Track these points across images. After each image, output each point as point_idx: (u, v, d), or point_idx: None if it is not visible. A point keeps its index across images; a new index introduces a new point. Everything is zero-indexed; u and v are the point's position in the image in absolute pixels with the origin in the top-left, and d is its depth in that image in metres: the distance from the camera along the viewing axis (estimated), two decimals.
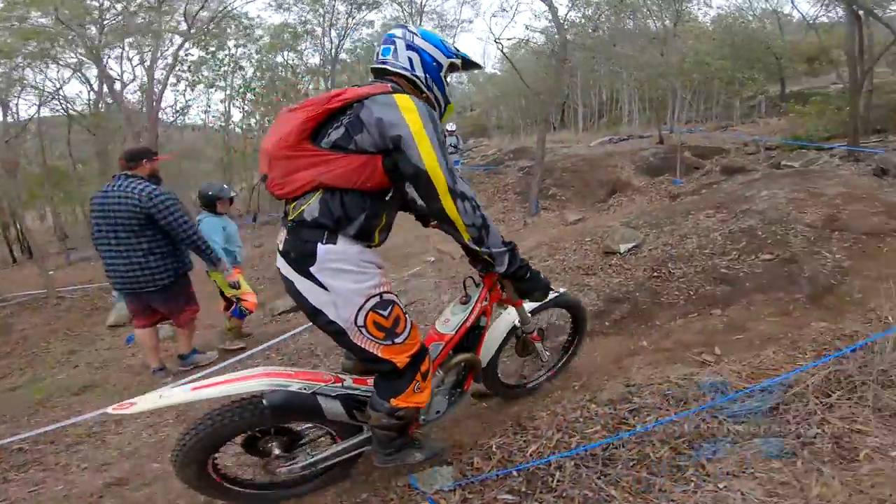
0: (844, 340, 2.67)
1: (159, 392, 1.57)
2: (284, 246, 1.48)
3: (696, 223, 5.28)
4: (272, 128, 1.49)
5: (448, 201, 1.38)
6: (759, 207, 5.06)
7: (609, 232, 5.80)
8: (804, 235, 4.35)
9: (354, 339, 1.51)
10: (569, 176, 9.64)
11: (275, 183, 1.45)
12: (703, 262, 4.22)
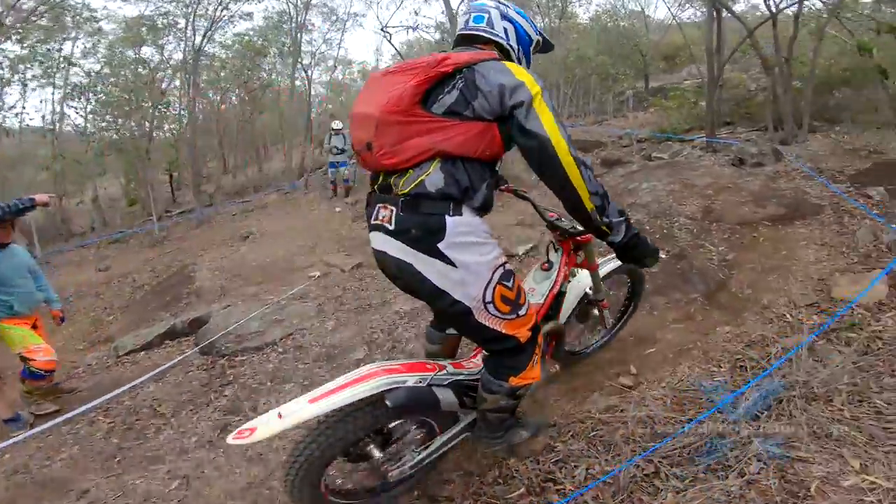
0: (755, 348, 2.55)
1: (277, 411, 1.41)
2: (398, 224, 1.36)
3: None
4: (366, 93, 1.40)
5: (573, 169, 1.33)
6: (644, 201, 5.10)
7: (506, 233, 5.50)
8: (687, 228, 4.40)
9: (479, 317, 1.43)
10: None
11: (384, 151, 1.32)
12: None
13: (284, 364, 3.94)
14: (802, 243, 4.10)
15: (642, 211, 4.87)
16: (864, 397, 1.95)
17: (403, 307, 4.34)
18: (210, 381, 3.85)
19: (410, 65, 1.31)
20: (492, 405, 1.61)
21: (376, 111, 1.30)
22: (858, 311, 2.77)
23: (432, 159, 1.31)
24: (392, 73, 1.34)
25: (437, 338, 1.88)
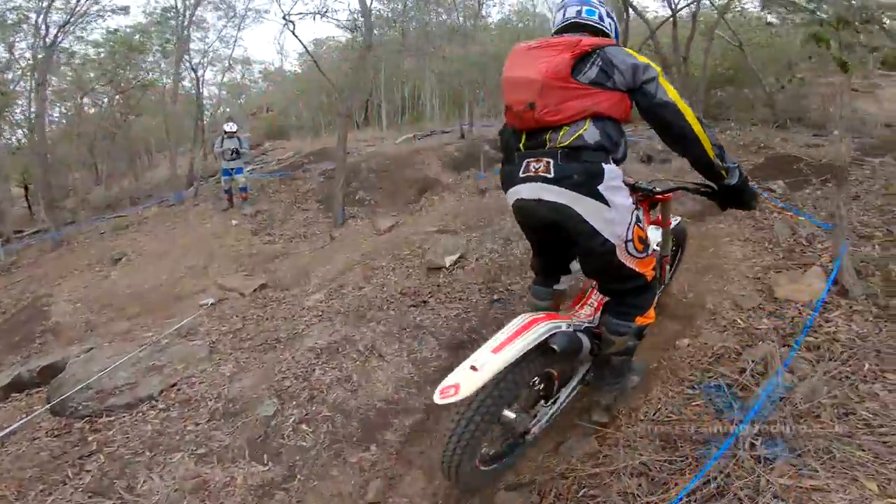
0: (724, 363, 2.31)
1: (469, 364, 1.50)
2: (558, 172, 1.55)
3: (513, 223, 4.84)
4: (519, 61, 1.63)
5: (697, 126, 1.57)
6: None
7: (429, 242, 4.97)
8: None
9: (620, 256, 1.64)
10: (376, 177, 8.70)
11: (548, 110, 1.55)
12: None
13: (168, 426, 3.08)
14: (726, 240, 4.08)
15: None
16: (848, 409, 1.85)
17: (319, 341, 3.64)
18: (65, 450, 2.90)
19: (552, 42, 1.58)
20: (620, 347, 1.77)
21: (539, 76, 1.53)
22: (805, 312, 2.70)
23: (586, 118, 1.54)
24: (539, 48, 1.58)
25: (546, 293, 2.01)
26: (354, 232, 7.28)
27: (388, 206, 7.99)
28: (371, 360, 3.29)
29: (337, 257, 6.30)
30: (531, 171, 1.60)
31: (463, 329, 3.38)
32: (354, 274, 5.25)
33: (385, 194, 8.22)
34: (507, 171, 1.73)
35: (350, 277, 5.20)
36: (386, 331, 3.58)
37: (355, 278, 5.13)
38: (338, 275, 5.46)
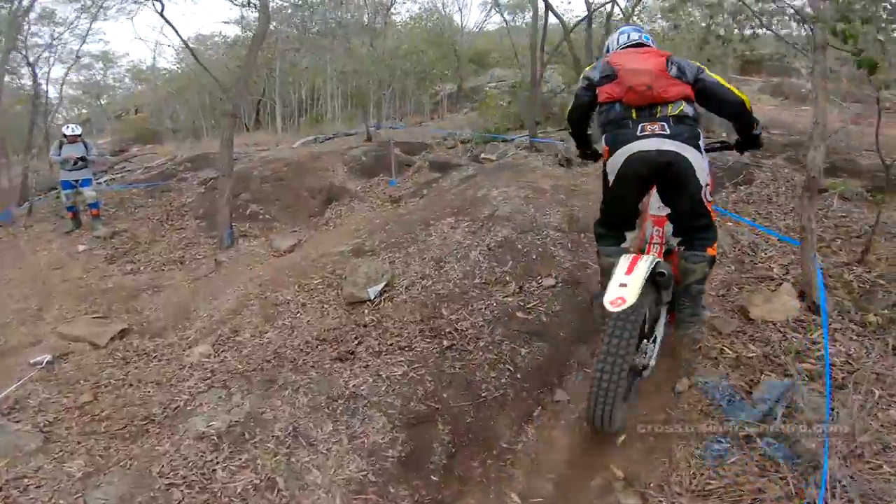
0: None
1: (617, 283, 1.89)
2: (672, 130, 2.06)
3: (442, 238, 4.14)
4: (629, 58, 2.21)
5: (744, 96, 2.21)
6: (504, 212, 4.29)
7: (344, 265, 4.09)
8: (561, 244, 3.70)
9: (702, 195, 2.14)
10: (272, 186, 7.46)
11: (662, 90, 2.09)
12: (487, 303, 3.08)
13: None
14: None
15: (506, 225, 4.08)
16: (882, 443, 1.76)
17: (214, 423, 2.61)
18: None
19: (643, 50, 2.32)
20: (700, 275, 2.14)
21: (653, 69, 2.13)
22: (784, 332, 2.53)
23: (681, 99, 2.12)
24: (638, 53, 2.28)
25: (615, 251, 2.28)
26: (247, 255, 6.05)
27: (287, 221, 6.85)
28: (298, 453, 2.37)
29: (226, 289, 5.10)
30: (648, 131, 2.06)
31: (417, 395, 2.59)
32: (252, 313, 4.18)
33: (283, 207, 7.06)
34: (619, 134, 2.13)
35: (246, 318, 4.13)
36: (310, 403, 2.67)
37: (253, 319, 4.07)
38: (229, 314, 4.33)
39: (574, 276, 3.38)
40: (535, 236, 3.88)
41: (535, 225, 4.05)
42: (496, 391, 2.55)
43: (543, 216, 4.21)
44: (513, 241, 3.84)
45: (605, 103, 2.19)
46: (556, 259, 3.60)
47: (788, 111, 12.06)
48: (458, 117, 13.07)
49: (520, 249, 3.73)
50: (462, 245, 3.98)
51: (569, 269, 3.47)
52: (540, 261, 3.57)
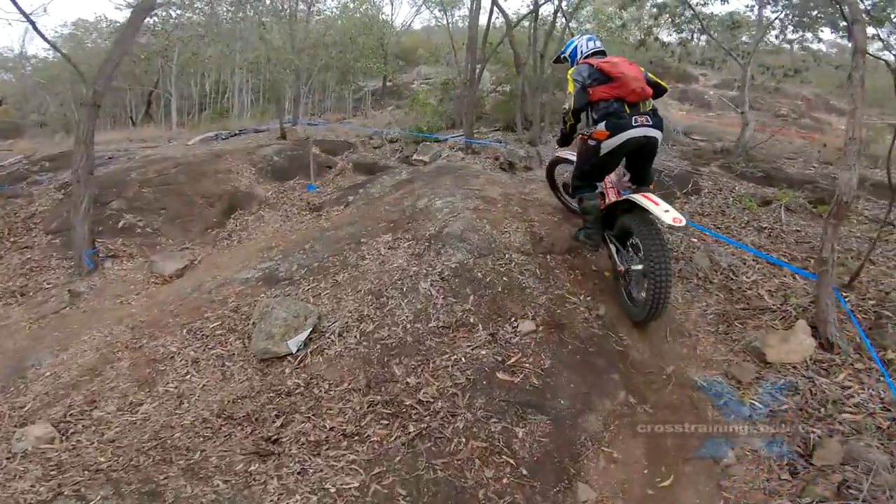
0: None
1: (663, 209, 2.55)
2: (652, 121, 2.76)
3: (380, 262, 3.28)
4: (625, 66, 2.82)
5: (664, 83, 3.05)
6: (455, 229, 3.51)
7: (250, 300, 3.11)
8: (530, 271, 3.00)
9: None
10: (156, 192, 6.02)
11: (647, 91, 2.79)
12: (454, 358, 2.30)
13: None
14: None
15: (462, 248, 3.31)
16: None
17: None
18: None
19: (630, 61, 2.95)
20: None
21: (640, 75, 2.82)
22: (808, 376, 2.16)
23: (650, 97, 2.84)
24: (625, 62, 2.89)
25: (595, 196, 3.07)
26: (117, 282, 4.69)
27: (175, 236, 5.50)
28: None
29: (84, 334, 3.81)
30: (640, 122, 2.73)
31: None
32: (119, 372, 3.03)
33: (170, 217, 5.68)
34: (619, 123, 2.74)
35: (111, 379, 2.99)
36: None
37: (122, 382, 2.94)
38: (86, 374, 3.14)
39: (555, 315, 2.71)
40: (497, 261, 3.16)
41: (495, 246, 3.34)
42: (500, 499, 1.78)
43: (502, 234, 3.51)
44: (470, 267, 3.09)
45: (604, 100, 2.79)
46: (527, 292, 2.91)
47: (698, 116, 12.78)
48: (383, 115, 12.11)
49: (480, 279, 2.99)
50: (406, 273, 3.15)
51: (546, 305, 2.80)
52: (508, 294, 2.86)
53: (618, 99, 2.73)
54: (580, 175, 3.05)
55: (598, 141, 2.77)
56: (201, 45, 14.82)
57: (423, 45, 18.12)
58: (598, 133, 2.76)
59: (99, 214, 5.62)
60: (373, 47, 11.95)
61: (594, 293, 3.06)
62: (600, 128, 2.75)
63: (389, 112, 12.65)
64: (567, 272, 3.18)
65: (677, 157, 6.69)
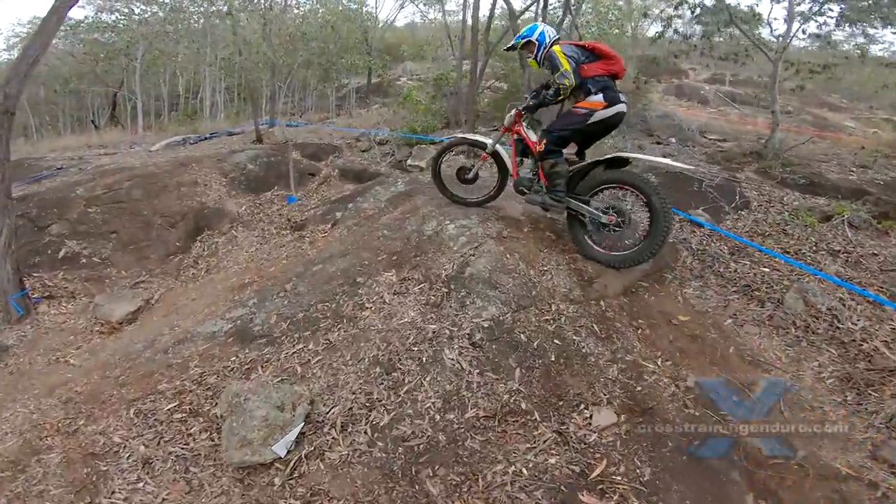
0: None
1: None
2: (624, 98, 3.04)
3: (385, 315, 2.41)
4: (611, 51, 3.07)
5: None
6: (479, 268, 2.70)
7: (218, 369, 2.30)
8: (586, 327, 2.24)
9: None
10: (105, 211, 5.07)
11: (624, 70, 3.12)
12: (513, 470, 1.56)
13: None
14: (728, 322, 2.55)
15: (494, 297, 2.54)
16: None
17: None
18: None
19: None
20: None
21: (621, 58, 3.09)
22: None
23: None
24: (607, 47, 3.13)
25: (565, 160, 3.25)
26: (53, 332, 3.78)
27: (129, 266, 4.59)
28: None
29: (5, 407, 2.97)
30: (623, 98, 2.99)
31: None
32: (47, 469, 2.23)
33: (122, 243, 4.76)
34: (614, 96, 2.96)
35: (38, 480, 2.23)
36: None
37: (53, 486, 2.22)
38: (5, 469, 2.33)
39: (635, 395, 1.98)
40: (542, 316, 2.40)
41: (536, 293, 2.57)
42: None
43: (540, 274, 2.74)
44: (508, 326, 2.32)
45: (599, 75, 3.01)
46: (590, 361, 2.16)
47: (701, 113, 12.21)
48: (369, 114, 11.22)
49: (525, 344, 2.22)
50: (423, 333, 2.36)
51: (619, 380, 2.06)
52: (566, 365, 2.11)
53: (611, 75, 3.03)
54: (559, 141, 3.11)
55: (591, 110, 2.97)
56: (168, 41, 13.69)
57: (407, 42, 17.24)
58: (595, 103, 2.96)
59: (35, 242, 4.68)
60: (356, 41, 11.04)
61: (672, 354, 2.32)
62: (598, 98, 2.96)
63: (376, 111, 11.77)
64: (630, 324, 2.44)
65: (704, 160, 6.03)
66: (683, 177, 4.88)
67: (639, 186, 2.86)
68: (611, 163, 3.09)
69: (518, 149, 3.38)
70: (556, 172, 3.09)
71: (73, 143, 11.48)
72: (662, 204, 2.73)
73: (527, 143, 3.31)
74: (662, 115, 8.99)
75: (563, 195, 3.07)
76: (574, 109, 3.03)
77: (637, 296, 2.90)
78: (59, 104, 18.16)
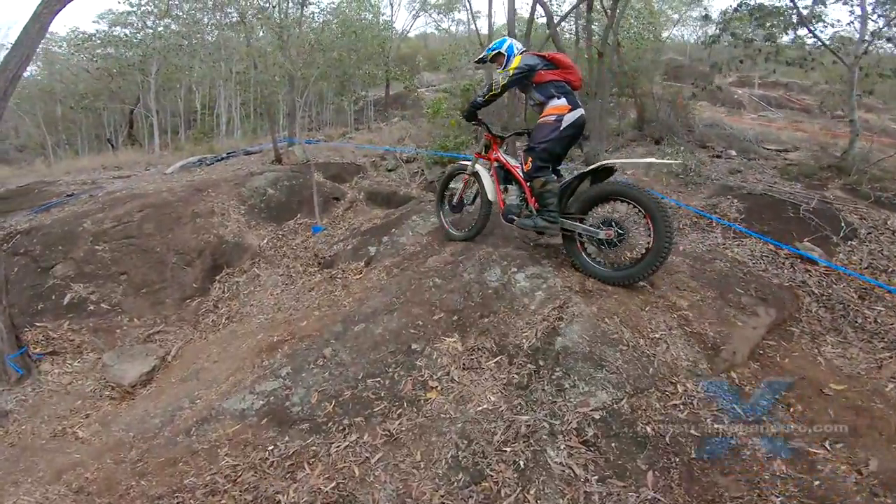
0: None
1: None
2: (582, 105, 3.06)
3: (457, 396, 1.88)
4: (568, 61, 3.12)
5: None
6: (575, 337, 2.10)
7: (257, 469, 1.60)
8: (732, 413, 1.61)
9: None
10: (115, 249, 4.59)
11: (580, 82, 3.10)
12: None
13: None
14: (889, 388, 2.01)
15: (600, 377, 1.98)
16: None
17: None
18: None
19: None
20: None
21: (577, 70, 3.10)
22: None
23: None
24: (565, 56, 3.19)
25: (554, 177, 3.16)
26: (58, 395, 3.28)
27: (142, 312, 4.09)
28: None
29: (6, 493, 2.49)
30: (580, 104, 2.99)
31: None
32: None
33: (134, 285, 4.27)
34: (574, 98, 2.98)
35: None
36: None
37: None
38: None
39: (816, 493, 1.51)
40: (668, 399, 1.85)
41: (654, 371, 1.99)
42: None
43: (653, 344, 2.15)
44: (628, 416, 1.78)
45: (556, 80, 3.00)
46: (744, 455, 1.66)
47: (744, 119, 11.45)
48: (391, 128, 10.73)
49: (653, 438, 1.70)
50: (514, 427, 1.83)
51: (792, 476, 1.55)
52: (712, 463, 1.60)
53: (567, 81, 3.02)
54: (544, 155, 2.98)
55: (559, 115, 2.92)
56: (182, 56, 13.43)
57: (422, 52, 16.82)
58: (560, 107, 2.93)
59: (39, 286, 4.21)
60: (374, 51, 10.61)
61: (841, 434, 1.72)
62: (562, 102, 2.94)
63: (398, 124, 11.28)
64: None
65: (777, 176, 5.37)
66: (773, 200, 4.24)
67: (635, 197, 2.64)
68: (596, 174, 2.92)
69: (500, 176, 3.27)
70: (547, 191, 2.91)
71: (88, 164, 11.20)
72: (663, 214, 2.55)
73: (507, 168, 3.22)
74: (710, 123, 8.33)
75: (557, 215, 2.89)
76: (543, 120, 2.97)
77: (768, 359, 2.30)
78: (77, 122, 18.10)
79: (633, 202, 2.65)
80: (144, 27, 13.22)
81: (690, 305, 2.52)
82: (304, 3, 8.12)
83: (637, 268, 2.62)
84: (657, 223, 2.53)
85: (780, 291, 2.91)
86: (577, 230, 2.83)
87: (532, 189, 2.99)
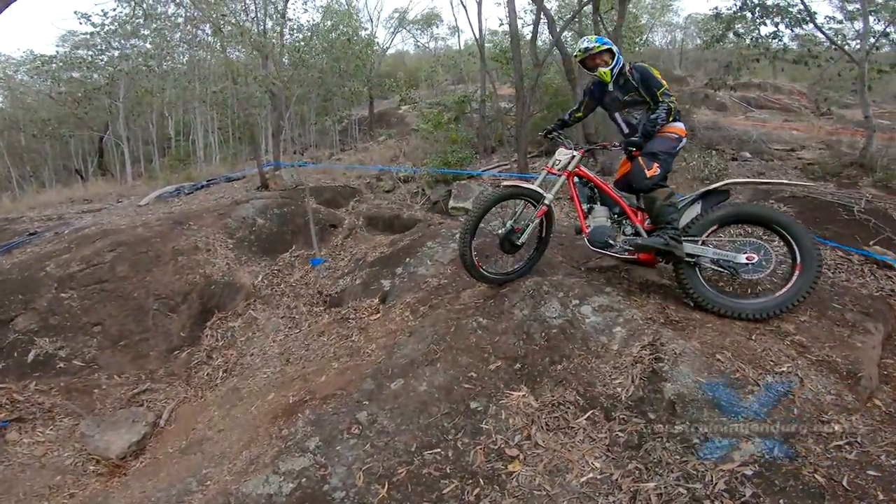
0: None
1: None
2: None
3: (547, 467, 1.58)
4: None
5: None
6: (685, 385, 1.62)
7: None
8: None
9: None
10: (84, 296, 3.96)
11: None
12: None
13: None
14: None
15: (749, 439, 1.54)
16: None
17: None
18: None
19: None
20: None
21: None
22: None
23: None
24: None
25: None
26: (32, 469, 2.66)
27: (123, 367, 3.49)
28: None
29: None
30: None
31: None
32: None
33: (111, 338, 3.66)
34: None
35: None
36: None
37: None
38: None
39: None
40: (828, 441, 1.50)
41: (799, 410, 1.61)
42: None
43: (786, 380, 1.72)
44: (789, 467, 1.37)
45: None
46: None
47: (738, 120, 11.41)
48: (380, 147, 10.28)
49: (828, 486, 1.36)
50: (633, 494, 1.42)
51: None
52: None
53: None
54: (669, 167, 2.68)
55: (680, 137, 2.69)
56: (152, 77, 12.72)
57: (402, 69, 16.58)
58: (681, 130, 2.71)
59: None
60: (356, 68, 10.21)
61: None
62: (681, 126, 2.72)
63: (385, 143, 10.84)
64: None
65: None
66: (821, 202, 3.93)
67: (775, 220, 2.41)
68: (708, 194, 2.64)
69: (583, 195, 2.80)
70: (671, 204, 2.54)
71: (55, 197, 10.39)
72: (811, 242, 2.35)
73: (597, 184, 2.78)
74: (711, 125, 8.18)
75: (679, 232, 2.51)
76: (667, 133, 2.65)
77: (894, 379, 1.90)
78: (42, 152, 17.12)
79: (773, 227, 2.42)
80: (109, 48, 12.53)
81: (798, 328, 2.12)
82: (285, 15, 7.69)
83: (782, 297, 2.27)
84: (805, 250, 2.32)
85: (877, 303, 2.54)
86: (699, 253, 2.46)
87: (653, 202, 2.55)
